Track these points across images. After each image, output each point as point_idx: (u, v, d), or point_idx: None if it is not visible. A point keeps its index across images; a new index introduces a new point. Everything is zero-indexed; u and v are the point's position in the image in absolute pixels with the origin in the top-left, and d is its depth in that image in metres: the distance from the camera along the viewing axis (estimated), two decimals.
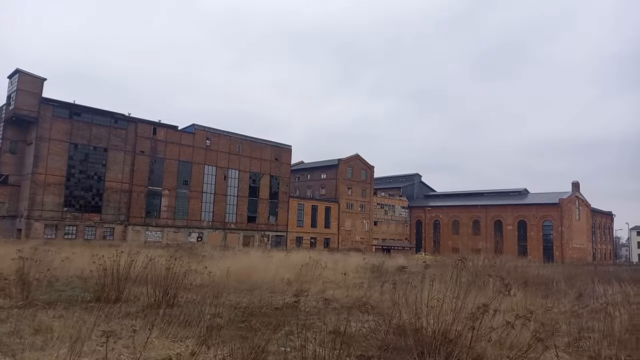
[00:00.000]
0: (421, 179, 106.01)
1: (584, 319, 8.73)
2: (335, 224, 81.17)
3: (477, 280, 9.43)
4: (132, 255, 11.46)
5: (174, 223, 60.92)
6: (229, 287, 12.53)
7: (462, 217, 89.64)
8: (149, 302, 10.10)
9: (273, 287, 12.78)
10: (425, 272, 9.86)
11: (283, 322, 8.79)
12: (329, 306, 10.00)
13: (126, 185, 56.64)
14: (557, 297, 10.74)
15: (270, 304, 10.49)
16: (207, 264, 17.20)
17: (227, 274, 12.16)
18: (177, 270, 10.70)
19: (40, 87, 50.54)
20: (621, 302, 9.70)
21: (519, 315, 6.31)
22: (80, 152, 53.16)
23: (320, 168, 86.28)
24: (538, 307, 8.51)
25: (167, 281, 10.20)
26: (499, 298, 7.30)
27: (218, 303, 9.85)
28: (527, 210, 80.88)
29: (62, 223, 51.51)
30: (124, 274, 10.89)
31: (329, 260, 24.61)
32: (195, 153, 63.30)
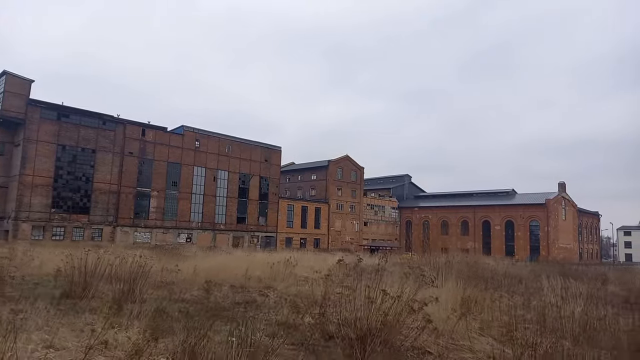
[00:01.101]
0: (411, 179, 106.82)
1: (523, 311, 9.29)
2: (325, 225, 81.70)
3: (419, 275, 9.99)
4: (101, 254, 11.88)
5: (163, 224, 61.14)
6: (197, 284, 12.97)
7: (450, 217, 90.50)
8: (114, 298, 10.53)
9: (242, 284, 13.25)
10: (392, 269, 10.39)
11: (239, 315, 9.28)
12: (288, 301, 10.50)
13: (114, 187, 56.82)
14: (498, 291, 11.35)
15: (233, 299, 10.96)
16: (185, 264, 17.68)
17: (195, 272, 12.61)
18: (144, 268, 11.13)
19: (28, 89, 50.66)
20: (563, 297, 10.27)
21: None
22: (68, 153, 53.29)
23: (311, 169, 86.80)
24: (459, 297, 9.10)
25: (132, 278, 10.64)
26: (421, 289, 7.87)
27: (180, 299, 10.32)
28: (514, 211, 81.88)
29: (50, 224, 51.61)
30: (91, 271, 11.32)
31: (310, 260, 25.13)
32: (184, 154, 63.57)
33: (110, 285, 11.70)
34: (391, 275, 14.61)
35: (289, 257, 23.29)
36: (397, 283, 8.94)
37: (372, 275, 10.41)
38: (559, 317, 8.31)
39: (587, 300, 9.39)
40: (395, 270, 16.43)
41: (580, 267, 27.19)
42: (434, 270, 11.93)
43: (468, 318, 9.05)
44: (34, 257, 18.24)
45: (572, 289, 10.87)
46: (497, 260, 28.67)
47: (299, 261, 20.35)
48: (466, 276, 11.41)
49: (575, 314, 8.46)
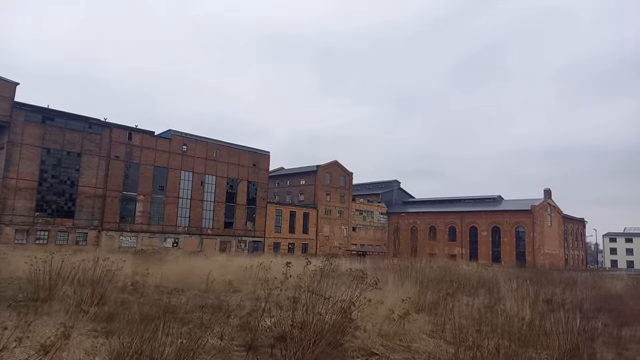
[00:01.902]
0: (400, 185, 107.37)
1: (478, 314, 9.51)
2: (314, 230, 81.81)
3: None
4: (66, 258, 11.94)
5: (149, 228, 60.87)
6: (164, 288, 13.04)
7: (438, 223, 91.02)
8: (77, 301, 10.59)
9: (208, 288, 13.35)
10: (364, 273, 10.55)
11: (196, 318, 9.42)
12: (253, 304, 10.64)
13: (100, 190, 56.53)
14: (459, 295, 11.58)
15: (195, 303, 11.08)
16: (158, 267, 17.73)
17: (163, 276, 12.70)
18: (108, 272, 11.21)
19: (13, 91, 50.36)
20: (519, 299, 10.52)
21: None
22: (52, 156, 52.98)
23: (299, 174, 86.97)
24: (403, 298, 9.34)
25: (94, 281, 10.73)
26: (370, 292, 8.09)
27: (143, 302, 10.41)
28: (500, 217, 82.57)
29: (34, 228, 51.19)
30: (56, 274, 11.37)
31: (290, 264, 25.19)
32: (171, 158, 63.45)
33: (76, 288, 11.76)
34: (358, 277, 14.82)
35: (262, 261, 23.45)
36: (345, 286, 9.13)
37: (333, 279, 10.62)
38: (507, 320, 8.53)
39: (538, 304, 9.63)
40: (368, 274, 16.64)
41: (558, 272, 27.59)
42: (396, 274, 12.14)
43: (424, 320, 9.27)
44: (9, 260, 18.20)
45: (530, 293, 11.12)
46: (479, 266, 29.00)
47: (277, 266, 20.46)
48: (428, 280, 11.63)
49: (525, 317, 8.69)
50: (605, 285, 16.89)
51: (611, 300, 13.13)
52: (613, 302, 12.78)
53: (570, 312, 9.37)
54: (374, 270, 17.36)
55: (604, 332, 9.04)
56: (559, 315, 9.08)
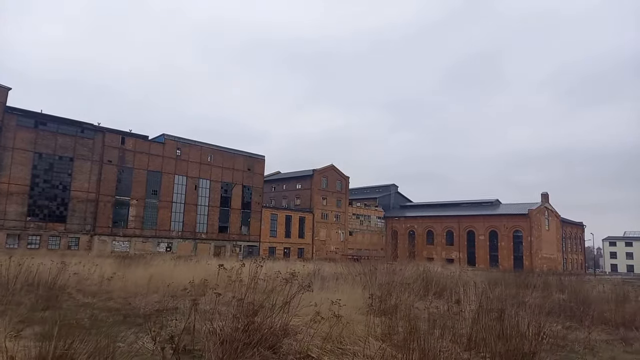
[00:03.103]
0: (397, 189, 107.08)
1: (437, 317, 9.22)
2: (310, 234, 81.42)
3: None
4: (23, 261, 11.69)
5: (142, 233, 60.60)
6: (131, 292, 12.77)
7: (436, 227, 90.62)
8: (32, 304, 10.35)
9: (176, 291, 13.07)
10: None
11: (149, 322, 9.14)
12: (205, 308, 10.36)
13: (93, 195, 56.34)
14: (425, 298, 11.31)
15: (154, 307, 10.81)
16: (131, 272, 17.45)
17: (124, 279, 12.45)
18: (64, 276, 10.97)
19: (5, 96, 50.28)
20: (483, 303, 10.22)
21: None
22: (45, 161, 52.85)
23: (295, 178, 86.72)
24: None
25: (49, 286, 10.48)
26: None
27: (103, 306, 10.15)
28: (497, 221, 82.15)
29: (25, 232, 50.98)
30: (13, 278, 11.12)
31: (275, 268, 24.92)
32: (165, 163, 63.27)
33: (35, 291, 11.52)
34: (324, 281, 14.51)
35: (256, 265, 23.12)
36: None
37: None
38: (459, 323, 8.24)
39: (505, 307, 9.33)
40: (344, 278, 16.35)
41: (545, 277, 27.23)
42: (361, 277, 11.81)
43: (373, 324, 8.98)
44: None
45: (493, 296, 10.82)
46: (460, 270, 28.54)
47: (259, 270, 20.17)
48: (391, 284, 11.33)
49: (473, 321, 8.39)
50: (584, 289, 16.55)
51: (582, 304, 12.81)
52: (583, 306, 12.47)
53: (523, 315, 9.08)
54: (338, 274, 17.06)
55: (551, 334, 8.74)
56: (513, 319, 8.79)
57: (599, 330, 10.47)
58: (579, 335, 9.49)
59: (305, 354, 7.07)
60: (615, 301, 13.09)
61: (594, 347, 8.48)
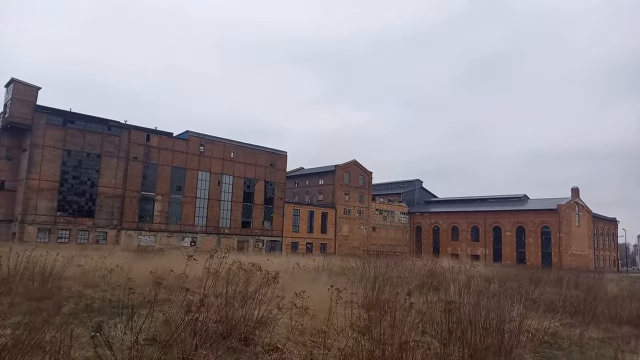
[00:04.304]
0: (422, 184, 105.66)
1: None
2: (332, 230, 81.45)
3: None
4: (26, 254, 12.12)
5: (167, 227, 62.00)
6: (132, 284, 13.03)
7: (461, 223, 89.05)
8: (28, 295, 10.72)
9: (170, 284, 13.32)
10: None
11: (133, 313, 9.38)
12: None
13: (119, 191, 57.97)
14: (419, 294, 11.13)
15: (144, 299, 11.04)
16: (139, 264, 17.88)
17: (128, 272, 12.76)
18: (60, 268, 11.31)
19: (35, 96, 52.29)
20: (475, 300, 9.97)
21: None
22: (73, 158, 54.68)
23: (318, 174, 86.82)
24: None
25: (44, 277, 10.85)
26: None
27: (100, 297, 10.46)
28: (525, 216, 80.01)
29: (55, 227, 52.95)
30: (16, 270, 11.57)
31: (277, 263, 25.11)
32: (188, 159, 64.46)
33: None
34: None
35: (266, 259, 23.39)
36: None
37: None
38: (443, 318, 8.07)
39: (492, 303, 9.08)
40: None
41: (568, 273, 26.36)
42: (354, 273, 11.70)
43: (357, 317, 8.90)
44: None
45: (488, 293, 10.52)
46: (493, 267, 27.97)
47: (264, 265, 20.34)
48: (384, 277, 11.18)
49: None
50: (598, 286, 15.93)
51: (590, 302, 12.30)
52: (590, 303, 11.98)
53: (509, 310, 8.81)
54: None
55: (538, 330, 8.43)
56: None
57: (599, 329, 10.05)
58: (574, 333, 9.14)
59: (274, 346, 7.07)
60: (625, 299, 12.54)
61: (584, 345, 8.13)
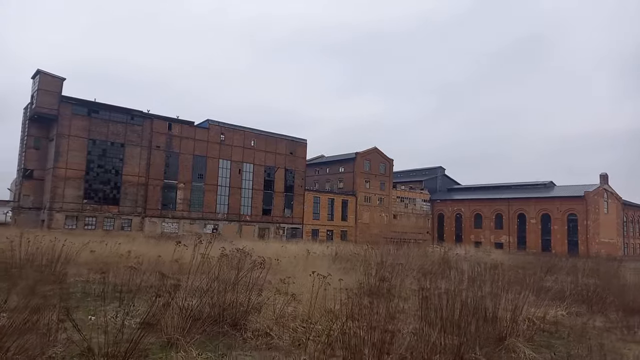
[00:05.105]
0: (444, 172, 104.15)
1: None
2: (353, 217, 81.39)
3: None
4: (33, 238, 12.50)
5: (190, 215, 63.13)
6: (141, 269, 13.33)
7: (484, 210, 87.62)
8: (38, 279, 11.08)
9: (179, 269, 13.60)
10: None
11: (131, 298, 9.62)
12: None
13: (143, 179, 59.23)
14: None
15: (147, 283, 11.28)
16: (150, 250, 18.28)
17: (138, 257, 13.08)
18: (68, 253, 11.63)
19: (60, 87, 53.63)
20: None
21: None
22: (98, 147, 56.06)
23: (338, 161, 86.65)
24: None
25: (52, 262, 11.20)
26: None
27: (104, 281, 10.77)
28: (550, 204, 78.09)
29: (82, 214, 54.61)
30: (24, 255, 12.00)
31: (299, 249, 25.29)
32: (209, 148, 65.22)
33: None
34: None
35: (281, 246, 23.58)
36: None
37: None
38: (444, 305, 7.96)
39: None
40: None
41: (593, 262, 25.63)
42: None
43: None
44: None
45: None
46: (512, 254, 27.44)
47: (279, 251, 20.57)
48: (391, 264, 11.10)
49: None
50: (616, 274, 15.42)
51: (604, 290, 11.92)
52: (605, 292, 11.60)
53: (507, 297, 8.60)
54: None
55: (537, 318, 8.21)
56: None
57: (607, 318, 9.73)
58: (578, 321, 8.88)
59: (264, 331, 7.12)
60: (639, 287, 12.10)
61: (585, 334, 7.89)
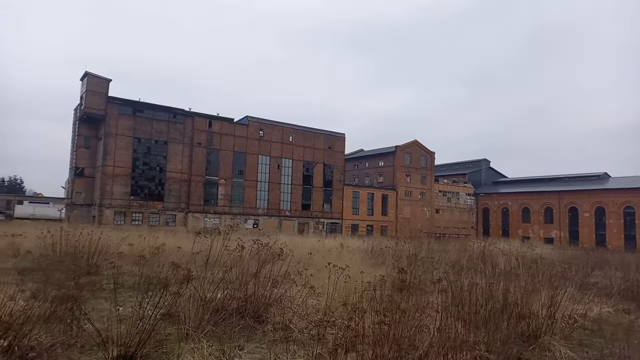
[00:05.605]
0: (490, 164, 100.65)
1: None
2: (393, 212, 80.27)
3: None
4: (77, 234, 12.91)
5: (231, 210, 64.34)
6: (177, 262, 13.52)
7: (532, 204, 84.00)
8: (77, 270, 11.44)
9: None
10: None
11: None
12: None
13: (185, 175, 60.88)
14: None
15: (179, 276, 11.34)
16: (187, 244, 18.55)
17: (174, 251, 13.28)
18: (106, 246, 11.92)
19: (106, 87, 55.91)
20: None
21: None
22: (143, 145, 58.08)
23: (378, 155, 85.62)
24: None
25: (89, 254, 11.51)
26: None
27: (137, 273, 10.96)
28: (605, 196, 73.72)
29: (130, 210, 56.83)
30: (63, 248, 12.40)
31: (335, 243, 25.05)
32: (249, 144, 66.11)
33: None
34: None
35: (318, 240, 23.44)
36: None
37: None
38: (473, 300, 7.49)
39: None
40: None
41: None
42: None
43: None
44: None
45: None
46: (528, 247, 26.04)
47: (315, 246, 20.44)
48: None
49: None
50: None
51: None
52: None
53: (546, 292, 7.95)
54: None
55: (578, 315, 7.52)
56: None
57: None
58: (625, 319, 8.12)
59: (285, 325, 6.91)
60: None
61: (631, 333, 7.14)
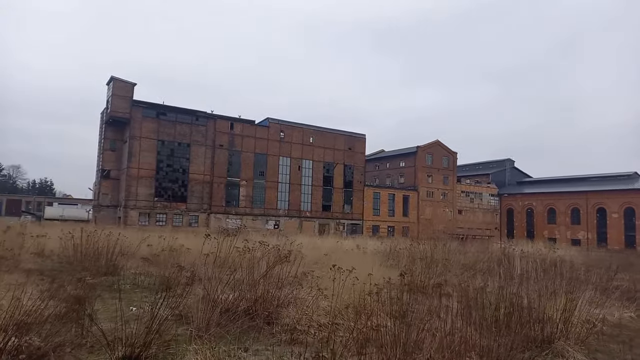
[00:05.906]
0: (514, 164, 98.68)
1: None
2: (414, 213, 79.57)
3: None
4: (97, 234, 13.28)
5: (252, 211, 64.93)
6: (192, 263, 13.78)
7: (558, 204, 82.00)
8: (96, 270, 11.79)
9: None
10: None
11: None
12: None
13: (207, 177, 61.76)
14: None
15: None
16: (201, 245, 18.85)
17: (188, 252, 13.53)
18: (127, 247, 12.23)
19: (131, 91, 57.22)
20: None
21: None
22: (166, 147, 59.20)
23: (399, 156, 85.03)
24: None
25: (108, 256, 11.86)
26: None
27: (157, 274, 11.25)
28: (635, 196, 71.42)
29: (154, 211, 57.98)
30: (92, 247, 12.78)
31: (352, 245, 25.05)
32: (270, 145, 66.60)
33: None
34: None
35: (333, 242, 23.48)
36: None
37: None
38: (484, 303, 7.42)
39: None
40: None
41: None
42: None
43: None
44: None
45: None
46: (550, 249, 25.37)
47: (333, 247, 20.46)
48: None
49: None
50: None
51: None
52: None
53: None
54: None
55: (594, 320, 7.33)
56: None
57: None
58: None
59: (293, 327, 6.98)
60: None
61: None
